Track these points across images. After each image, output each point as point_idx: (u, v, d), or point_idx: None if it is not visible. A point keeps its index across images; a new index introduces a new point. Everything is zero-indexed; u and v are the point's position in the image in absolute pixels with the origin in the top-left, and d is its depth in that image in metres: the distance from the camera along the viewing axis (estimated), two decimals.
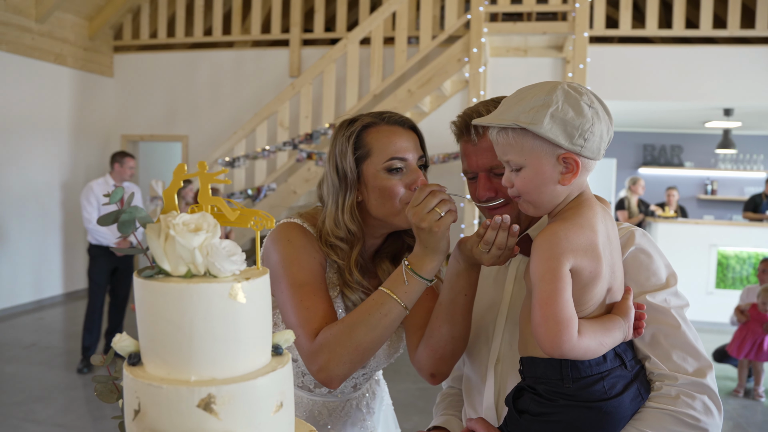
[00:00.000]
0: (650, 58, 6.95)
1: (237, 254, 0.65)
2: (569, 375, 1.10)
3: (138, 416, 0.62)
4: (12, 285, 6.99)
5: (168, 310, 0.62)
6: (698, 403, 1.12)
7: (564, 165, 1.11)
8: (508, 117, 1.11)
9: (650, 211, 7.74)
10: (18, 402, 4.37)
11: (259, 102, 7.76)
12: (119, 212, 0.64)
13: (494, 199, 1.30)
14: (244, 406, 0.61)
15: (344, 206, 1.36)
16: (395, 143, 1.35)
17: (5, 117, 6.81)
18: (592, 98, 1.11)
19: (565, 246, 1.06)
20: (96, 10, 7.84)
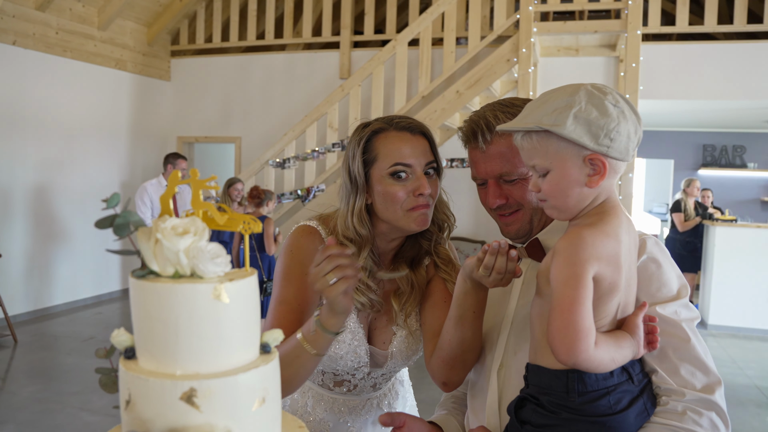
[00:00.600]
0: (710, 54, 6.70)
1: (221, 257, 0.69)
2: (575, 388, 1.07)
3: (129, 406, 0.66)
4: (73, 281, 7.32)
5: (156, 308, 0.66)
6: (705, 420, 1.08)
7: (591, 166, 1.08)
8: (531, 120, 1.10)
9: (708, 214, 7.47)
10: (76, 392, 4.58)
11: (310, 104, 7.88)
12: (114, 216, 0.69)
13: (506, 207, 1.29)
14: (224, 401, 0.65)
15: (353, 209, 1.39)
16: (400, 149, 1.37)
17: (69, 120, 7.15)
18: (617, 98, 1.08)
19: (591, 252, 1.03)
20: (154, 16, 8.13)
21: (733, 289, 6.89)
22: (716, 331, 6.91)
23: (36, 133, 6.75)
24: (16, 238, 6.62)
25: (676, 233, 7.49)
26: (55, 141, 6.99)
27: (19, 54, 6.47)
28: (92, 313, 7.08)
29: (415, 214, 1.37)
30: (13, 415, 4.18)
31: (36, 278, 6.88)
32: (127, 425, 0.67)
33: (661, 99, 6.83)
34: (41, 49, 6.71)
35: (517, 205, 1.28)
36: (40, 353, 5.62)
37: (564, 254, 1.04)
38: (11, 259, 6.52)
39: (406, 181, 1.37)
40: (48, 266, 7.02)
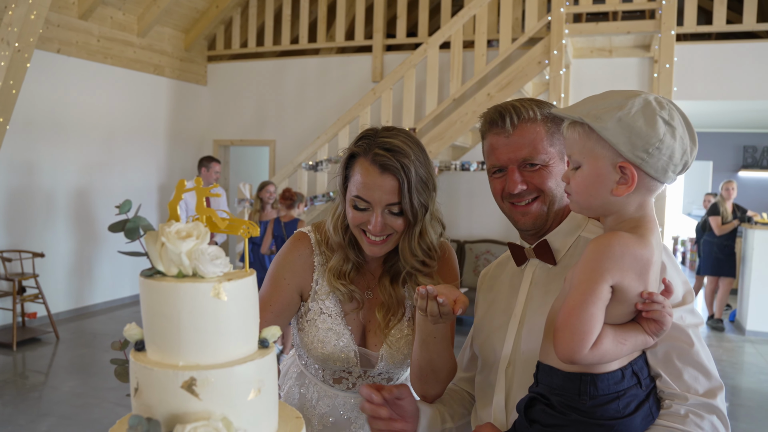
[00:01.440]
0: (749, 53, 6.55)
1: (221, 258, 0.75)
2: (587, 391, 1.09)
3: (137, 393, 0.73)
4: (113, 281, 7.56)
5: (161, 305, 0.72)
6: (706, 423, 1.10)
7: (621, 174, 1.06)
8: (580, 111, 1.09)
9: (747, 217, 7.31)
10: (112, 388, 4.74)
11: (343, 107, 7.97)
12: (125, 221, 0.76)
13: (526, 193, 1.30)
14: (222, 389, 0.71)
15: (334, 213, 1.49)
16: (363, 183, 1.38)
17: (110, 125, 7.39)
18: (674, 115, 1.05)
19: (614, 262, 1.03)
20: (191, 22, 8.34)
21: None
22: (754, 337, 6.75)
23: (78, 138, 7.00)
24: (59, 238, 6.87)
25: (713, 237, 7.34)
26: (96, 145, 7.23)
27: (62, 62, 6.73)
28: (130, 312, 7.29)
29: (368, 244, 1.43)
30: (54, 409, 4.36)
31: (77, 278, 7.12)
32: (135, 410, 0.74)
33: (698, 100, 6.71)
34: (83, 57, 6.96)
35: (537, 191, 1.30)
36: (80, 350, 5.83)
37: (590, 255, 1.04)
38: (54, 259, 6.77)
39: (365, 212, 1.40)
40: (89, 266, 7.26)
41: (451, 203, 7.42)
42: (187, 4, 7.92)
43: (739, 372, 5.64)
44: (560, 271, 1.32)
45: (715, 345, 6.50)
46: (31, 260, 6.28)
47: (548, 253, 1.33)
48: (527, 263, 1.39)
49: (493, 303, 1.43)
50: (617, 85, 6.78)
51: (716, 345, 6.50)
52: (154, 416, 0.70)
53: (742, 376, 5.52)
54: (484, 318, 1.44)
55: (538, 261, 1.36)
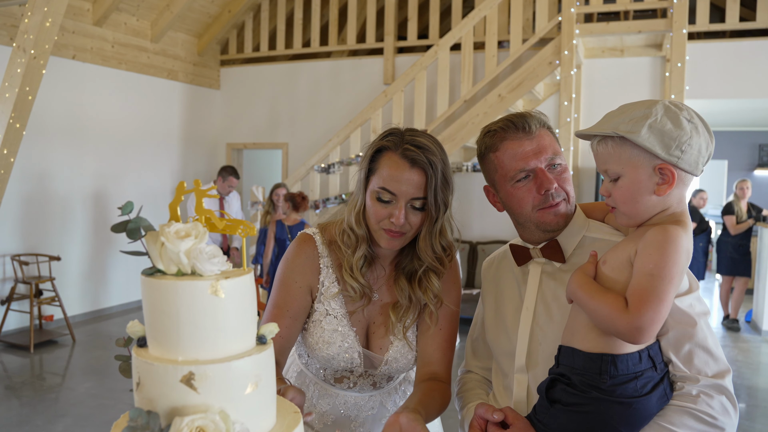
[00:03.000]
0: (763, 51, 6.49)
1: (218, 257, 0.77)
2: (608, 371, 1.16)
3: (138, 387, 0.76)
4: (127, 284, 7.64)
5: (161, 302, 0.75)
6: (716, 402, 1.18)
7: (660, 176, 1.16)
8: (609, 127, 1.19)
9: (762, 216, 7.24)
10: (126, 389, 4.78)
11: (355, 109, 8.01)
12: (127, 222, 0.79)
13: (556, 195, 1.33)
14: (220, 384, 0.73)
15: (356, 206, 1.48)
16: (391, 176, 1.40)
17: (125, 129, 7.48)
18: (692, 114, 1.17)
19: (683, 257, 1.13)
20: (204, 27, 8.42)
21: None
22: None
23: (93, 143, 7.10)
24: (75, 242, 6.97)
25: (728, 236, 7.27)
26: (111, 150, 7.32)
27: (77, 67, 6.82)
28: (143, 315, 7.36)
29: (386, 237, 1.43)
30: (70, 410, 4.42)
31: (93, 281, 7.21)
32: (137, 404, 0.76)
33: (711, 98, 6.66)
34: (98, 62, 7.05)
35: (563, 193, 1.35)
36: (96, 352, 5.90)
37: (661, 248, 1.12)
38: (70, 263, 6.86)
39: (388, 204, 1.41)
40: (104, 269, 7.35)
41: (463, 204, 7.41)
42: (199, 9, 8.00)
43: (755, 372, 5.59)
44: (568, 270, 1.38)
45: (731, 345, 6.44)
46: (47, 264, 6.37)
47: (558, 252, 1.38)
48: (530, 263, 1.43)
49: (500, 297, 1.49)
50: (629, 84, 6.76)
51: (732, 345, 6.44)
52: (155, 409, 0.73)
53: (759, 377, 5.47)
54: (495, 314, 1.49)
55: (544, 260, 1.41)
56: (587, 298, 1.16)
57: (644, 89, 6.77)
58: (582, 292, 1.18)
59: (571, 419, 1.18)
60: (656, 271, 1.10)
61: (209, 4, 8.04)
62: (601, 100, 6.82)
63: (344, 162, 7.11)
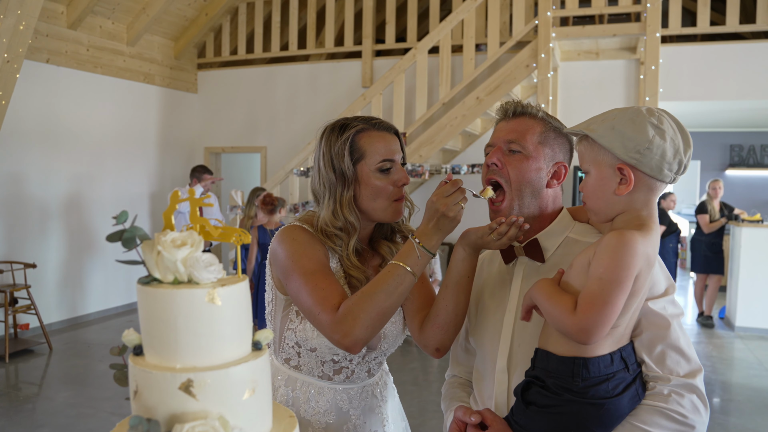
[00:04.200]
0: (733, 54, 6.65)
1: (214, 265, 0.78)
2: (580, 374, 1.19)
3: (136, 396, 0.76)
4: (105, 290, 7.55)
5: (158, 311, 0.76)
6: (687, 401, 1.22)
7: (621, 175, 1.21)
8: (582, 126, 1.25)
9: (734, 215, 7.40)
10: (108, 397, 4.75)
11: (333, 113, 8.01)
12: (122, 231, 0.79)
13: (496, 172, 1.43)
14: (218, 390, 0.74)
15: (342, 200, 1.54)
16: (385, 146, 1.55)
17: (100, 134, 7.40)
18: (663, 120, 1.20)
19: (638, 255, 1.15)
20: (181, 30, 8.36)
21: (760, 291, 6.81)
22: (743, 333, 6.83)
23: (69, 147, 7.01)
24: (51, 248, 6.87)
25: (702, 235, 7.42)
26: (87, 154, 7.23)
27: (52, 71, 6.73)
28: (124, 321, 7.29)
29: (396, 206, 1.57)
30: (48, 420, 4.36)
31: (70, 287, 7.12)
32: (135, 412, 0.77)
33: (684, 101, 6.79)
34: (73, 66, 6.97)
35: (505, 177, 1.41)
36: (74, 360, 5.83)
37: (613, 253, 1.15)
38: (46, 270, 6.76)
39: (389, 174, 1.55)
40: (81, 276, 7.25)
41: None
42: (176, 13, 7.95)
43: (729, 367, 5.70)
44: (549, 269, 1.41)
45: (706, 341, 6.57)
46: (22, 271, 6.27)
47: (538, 252, 1.41)
48: (516, 261, 1.46)
49: (485, 299, 1.52)
50: (605, 87, 6.86)
51: (706, 341, 6.57)
52: (154, 417, 0.73)
53: (732, 372, 5.58)
54: (478, 313, 1.52)
55: (527, 259, 1.44)
56: (543, 300, 1.21)
57: (619, 91, 6.88)
58: (539, 294, 1.22)
59: (546, 420, 1.22)
60: (606, 275, 1.13)
61: (186, 7, 7.99)
62: (578, 103, 6.91)
63: None
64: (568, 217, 1.46)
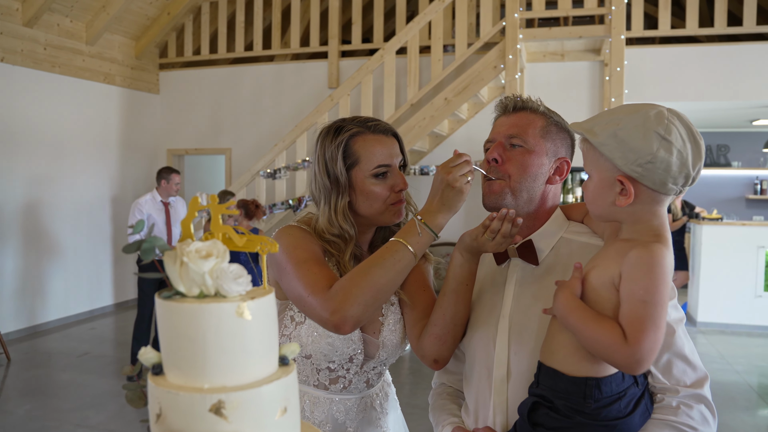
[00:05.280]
0: (692, 57, 6.83)
1: (243, 276, 0.73)
2: (593, 395, 1.13)
3: (159, 419, 0.71)
4: (66, 296, 7.31)
5: (184, 327, 0.70)
6: (696, 412, 1.19)
7: (621, 186, 1.12)
8: (585, 126, 1.15)
9: (695, 213, 7.58)
10: (72, 408, 4.58)
11: (299, 114, 7.93)
12: (141, 242, 0.74)
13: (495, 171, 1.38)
14: (250, 411, 0.69)
15: (337, 208, 1.48)
16: (381, 151, 1.49)
17: (59, 136, 7.15)
18: (671, 129, 1.08)
19: (669, 279, 1.09)
20: (142, 30, 8.16)
21: (721, 287, 6.99)
22: (705, 328, 7.00)
23: (25, 149, 6.75)
24: (8, 255, 6.61)
25: None
26: (44, 157, 6.99)
27: (7, 70, 6.48)
28: (86, 329, 7.06)
29: (394, 209, 1.51)
30: None
31: (28, 295, 6.86)
32: None
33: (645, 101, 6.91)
34: (29, 65, 6.72)
35: (504, 175, 1.37)
36: (34, 371, 5.61)
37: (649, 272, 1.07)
38: (2, 276, 6.51)
39: (386, 179, 1.49)
40: (40, 283, 7.00)
41: None
42: (137, 11, 7.75)
43: None
44: (543, 272, 1.37)
45: None
46: None
47: (532, 253, 1.37)
48: (508, 262, 1.42)
49: (476, 301, 1.46)
50: (570, 88, 6.95)
51: None
52: None
53: None
54: (471, 317, 1.46)
55: (521, 261, 1.39)
56: (581, 327, 1.10)
57: (584, 93, 6.98)
58: (574, 318, 1.12)
59: None
60: (648, 297, 1.05)
61: (147, 5, 7.80)
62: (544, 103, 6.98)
63: (290, 167, 7.02)
64: (562, 216, 1.43)
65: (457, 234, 7.46)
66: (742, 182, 10.42)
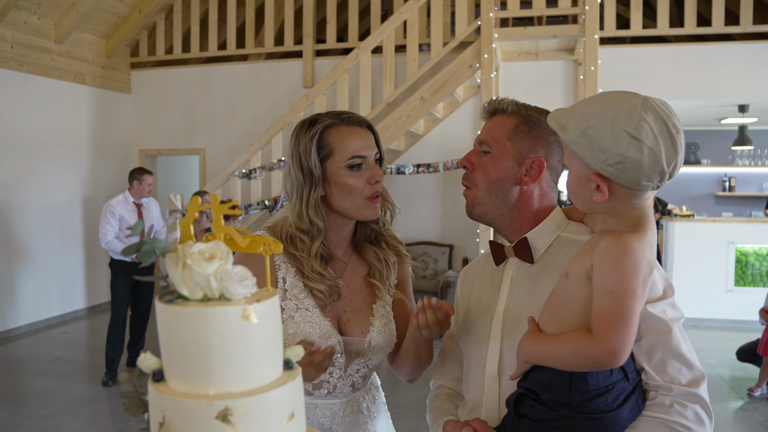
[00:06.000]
0: (663, 57, 6.94)
1: (248, 279, 0.71)
2: (578, 387, 1.12)
3: (162, 428, 0.68)
4: (37, 300, 7.14)
5: (187, 332, 0.68)
6: (690, 412, 1.16)
7: (595, 182, 1.09)
8: (560, 118, 1.11)
9: (668, 210, 7.71)
10: (46, 415, 4.48)
11: (274, 113, 7.86)
12: (141, 243, 0.71)
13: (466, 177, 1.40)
14: (258, 417, 0.67)
15: (308, 201, 1.46)
16: (355, 142, 1.47)
17: (27, 136, 6.99)
18: (642, 127, 1.04)
19: (640, 260, 1.06)
20: (112, 28, 8.01)
21: (693, 282, 7.12)
22: None
23: None
24: None
25: None
26: (12, 158, 6.82)
27: None
28: (58, 333, 6.91)
29: (371, 204, 1.49)
30: None
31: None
32: None
33: None
34: None
35: (473, 182, 1.38)
36: (4, 377, 5.47)
37: (616, 261, 1.05)
38: None
39: (361, 171, 1.47)
40: (10, 287, 6.83)
41: None
42: (107, 9, 7.60)
43: None
44: (539, 270, 1.36)
45: None
46: None
47: (527, 251, 1.36)
48: (507, 262, 1.42)
49: (473, 301, 1.46)
50: (544, 87, 7.01)
51: None
52: None
53: None
54: (467, 317, 1.47)
55: (518, 260, 1.39)
56: (546, 349, 1.12)
57: (558, 91, 7.05)
58: (537, 346, 1.13)
59: None
60: (616, 287, 1.04)
61: (118, 3, 7.66)
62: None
63: (266, 167, 6.95)
64: (561, 215, 1.41)
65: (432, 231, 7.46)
66: (712, 179, 10.63)
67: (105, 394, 4.95)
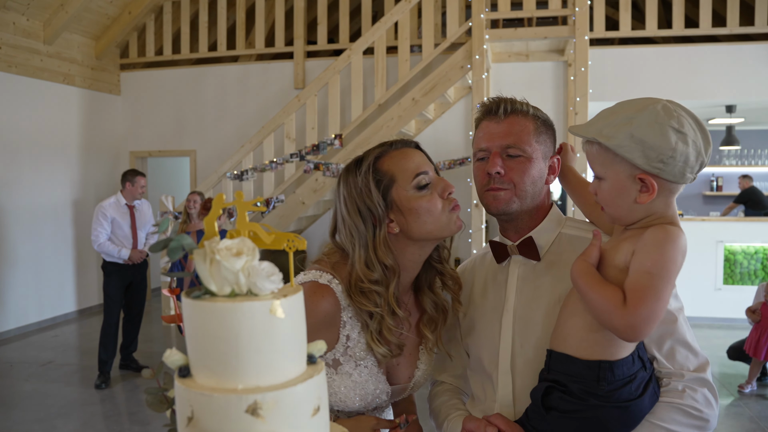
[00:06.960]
0: (651, 58, 7.02)
1: (275, 274, 0.72)
2: (606, 377, 1.17)
3: (191, 422, 0.69)
4: (27, 304, 7.08)
5: (215, 327, 0.69)
6: (700, 395, 1.24)
7: (641, 184, 1.14)
8: (593, 130, 1.16)
9: None
10: (39, 419, 4.44)
11: (264, 115, 7.85)
12: (168, 240, 0.72)
13: (499, 181, 1.35)
14: (286, 411, 0.68)
15: (376, 244, 1.34)
16: (412, 160, 1.37)
17: (16, 138, 6.93)
18: (683, 121, 1.11)
19: (681, 257, 1.12)
20: (102, 29, 7.97)
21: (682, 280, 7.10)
22: None
23: None
24: None
25: None
26: (1, 160, 6.76)
27: None
28: (49, 336, 6.86)
29: (454, 216, 1.37)
30: None
31: None
32: None
33: (610, 101, 7.04)
34: None
35: (509, 183, 1.35)
36: None
37: (661, 247, 1.11)
38: None
39: (429, 189, 1.36)
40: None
41: None
42: (97, 10, 7.56)
43: None
44: (544, 267, 1.40)
45: None
46: None
47: (533, 249, 1.39)
48: (510, 260, 1.44)
49: (479, 300, 1.48)
50: (535, 87, 7.05)
51: None
52: None
53: None
54: (473, 316, 1.48)
55: (522, 258, 1.41)
56: (586, 288, 1.14)
57: (549, 92, 7.10)
58: (582, 282, 1.16)
59: (567, 425, 1.20)
60: (655, 269, 1.09)
61: (107, 4, 7.62)
62: None
63: (258, 168, 6.95)
64: (558, 212, 1.45)
65: None
66: (699, 179, 10.75)
67: (98, 397, 4.92)
